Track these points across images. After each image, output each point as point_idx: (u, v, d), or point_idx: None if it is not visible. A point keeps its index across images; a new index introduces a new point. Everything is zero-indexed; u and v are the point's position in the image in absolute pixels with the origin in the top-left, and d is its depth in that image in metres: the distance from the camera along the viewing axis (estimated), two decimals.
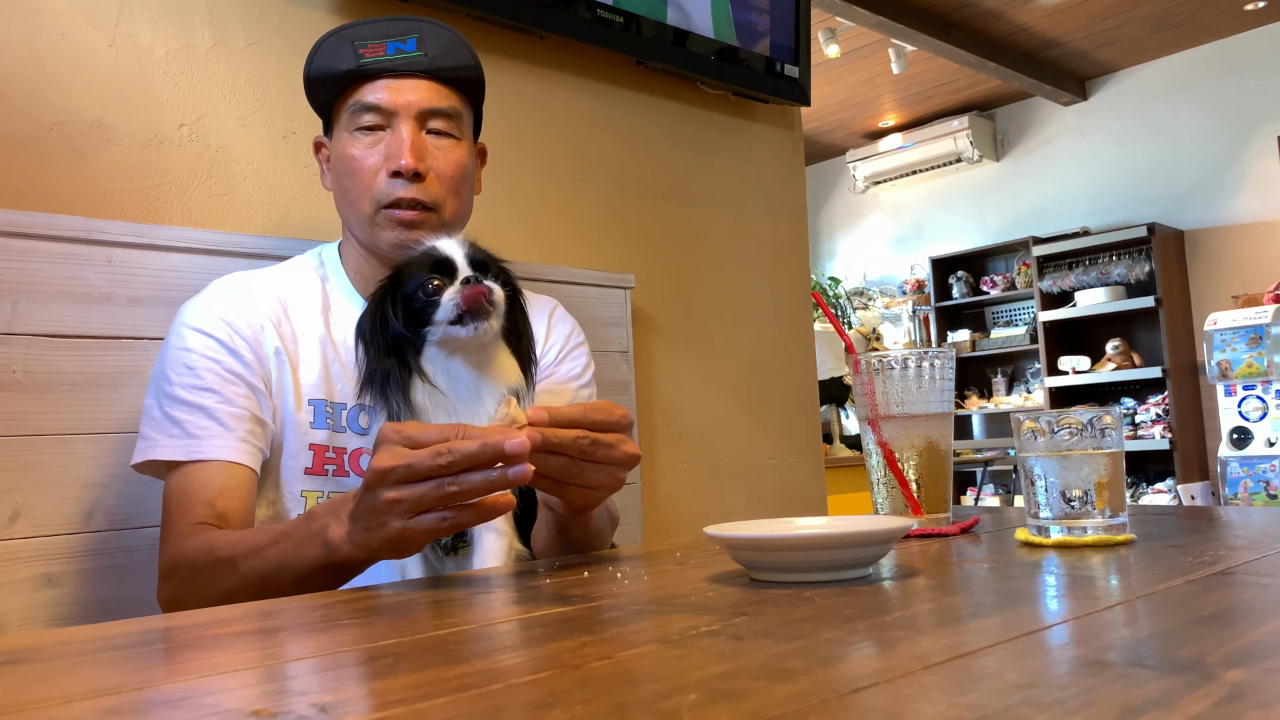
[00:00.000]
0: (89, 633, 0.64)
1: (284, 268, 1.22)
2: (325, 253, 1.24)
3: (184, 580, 0.99)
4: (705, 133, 2.12)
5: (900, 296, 6.86)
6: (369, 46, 1.13)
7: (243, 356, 1.09)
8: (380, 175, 1.12)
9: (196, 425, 1.05)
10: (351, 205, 1.15)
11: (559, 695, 0.41)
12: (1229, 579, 0.64)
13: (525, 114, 1.81)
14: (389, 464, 0.77)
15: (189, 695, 0.45)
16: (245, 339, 1.10)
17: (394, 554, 0.84)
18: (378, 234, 1.14)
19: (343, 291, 1.20)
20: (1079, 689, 0.39)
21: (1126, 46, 5.59)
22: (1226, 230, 5.56)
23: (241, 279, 1.16)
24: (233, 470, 1.05)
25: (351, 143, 1.14)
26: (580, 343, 1.33)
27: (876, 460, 1.00)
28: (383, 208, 1.12)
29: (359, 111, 1.13)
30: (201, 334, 1.09)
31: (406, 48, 1.13)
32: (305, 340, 1.14)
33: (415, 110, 1.13)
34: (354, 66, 1.12)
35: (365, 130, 1.13)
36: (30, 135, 1.28)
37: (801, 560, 0.69)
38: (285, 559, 0.89)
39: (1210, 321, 4.45)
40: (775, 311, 2.22)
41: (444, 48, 1.15)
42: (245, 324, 1.11)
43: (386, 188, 1.12)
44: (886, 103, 6.33)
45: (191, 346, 1.08)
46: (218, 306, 1.12)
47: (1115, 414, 0.85)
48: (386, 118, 1.13)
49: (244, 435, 1.06)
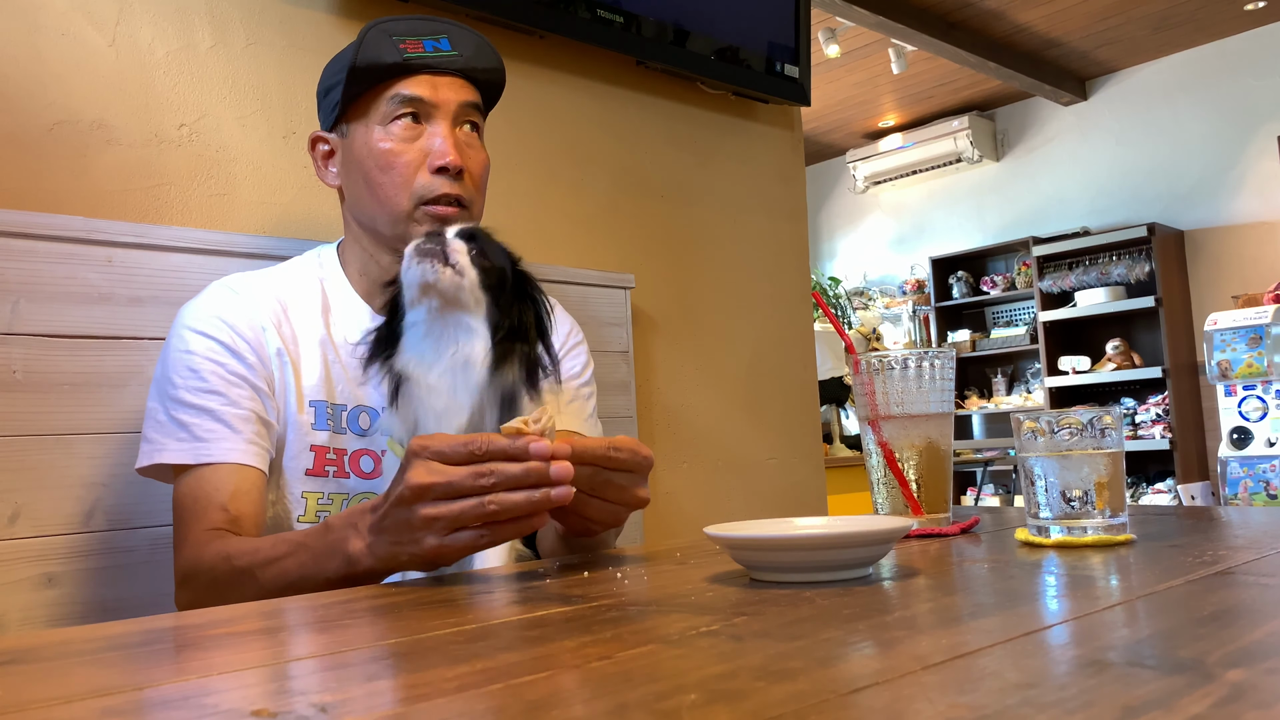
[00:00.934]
0: (89, 633, 0.64)
1: (283, 269, 1.21)
2: (324, 254, 1.23)
3: (203, 589, 0.99)
4: (705, 133, 2.12)
5: (900, 296, 6.86)
6: (408, 42, 1.13)
7: (245, 358, 1.09)
8: (421, 170, 1.12)
9: (203, 428, 1.05)
10: (383, 200, 1.14)
11: (559, 695, 0.41)
12: (1229, 579, 0.64)
13: (525, 114, 1.81)
14: (428, 480, 0.77)
15: (189, 695, 0.45)
16: (247, 340, 1.10)
17: (423, 568, 0.84)
18: (413, 230, 1.12)
19: (343, 292, 1.19)
20: (1079, 689, 0.39)
21: (1126, 46, 5.59)
22: (1226, 230, 5.56)
23: (241, 280, 1.16)
24: (244, 473, 1.05)
25: (386, 135, 1.13)
26: (579, 341, 1.33)
27: (876, 460, 1.00)
28: (424, 203, 1.12)
29: (400, 104, 1.13)
30: (203, 336, 1.09)
31: (442, 46, 1.15)
32: (306, 341, 1.14)
33: (454, 106, 1.14)
34: (399, 60, 1.13)
35: (404, 121, 1.13)
36: (30, 135, 1.28)
37: (801, 560, 0.69)
38: (304, 570, 0.89)
39: (1210, 321, 4.45)
40: (775, 311, 2.22)
41: (475, 49, 1.17)
42: (246, 325, 1.11)
43: (430, 183, 1.12)
44: (886, 103, 6.32)
45: (194, 349, 1.08)
46: (218, 308, 1.11)
47: (1115, 414, 0.85)
48: (426, 112, 1.14)
49: (251, 437, 1.06)
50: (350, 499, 1.14)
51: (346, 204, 1.20)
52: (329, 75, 1.19)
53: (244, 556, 0.95)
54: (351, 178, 1.17)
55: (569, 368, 1.29)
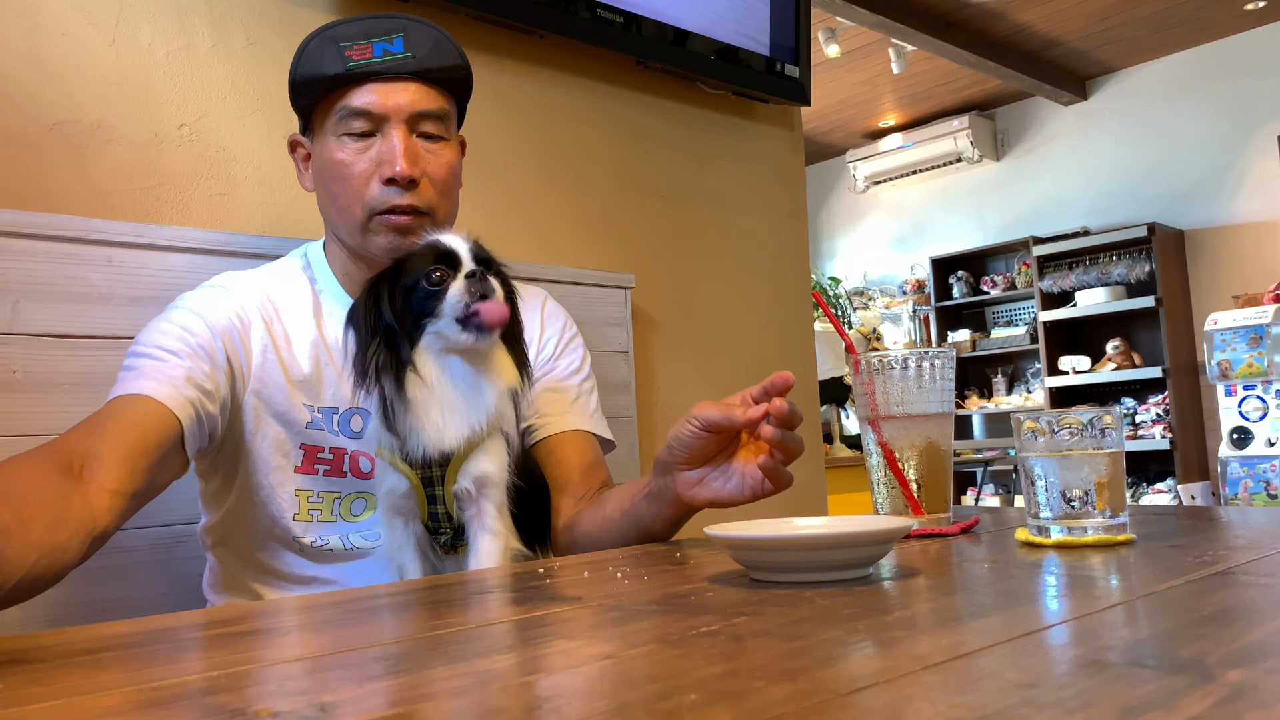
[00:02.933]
0: (89, 633, 0.64)
1: (272, 269, 1.20)
2: (311, 253, 1.21)
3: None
4: (705, 133, 2.12)
5: (900, 296, 6.86)
6: (355, 48, 1.08)
7: (214, 340, 1.07)
8: (372, 182, 1.09)
9: (148, 366, 1.02)
10: (341, 211, 1.12)
11: (559, 695, 0.41)
12: (1229, 579, 0.64)
13: (525, 114, 1.81)
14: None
15: (189, 695, 0.45)
16: (212, 329, 1.08)
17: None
18: (370, 240, 1.11)
19: (331, 293, 1.18)
20: (1079, 689, 0.39)
21: (1126, 46, 5.59)
22: (1226, 230, 5.56)
23: (230, 278, 1.15)
24: (149, 408, 0.98)
25: (339, 147, 1.10)
26: (575, 335, 1.32)
27: (876, 460, 1.00)
28: (376, 214, 1.10)
29: (347, 117, 1.09)
30: (178, 316, 1.08)
31: (394, 49, 1.09)
32: (298, 341, 1.14)
33: (406, 114, 1.10)
34: (341, 70, 1.08)
35: (354, 136, 1.10)
36: (30, 135, 1.28)
37: (801, 560, 0.69)
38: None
39: (1210, 321, 4.45)
40: (775, 311, 2.22)
41: (431, 47, 1.11)
42: (227, 316, 1.09)
43: (380, 195, 1.09)
44: (886, 102, 6.33)
45: (170, 319, 1.08)
46: (201, 301, 1.11)
47: (1115, 414, 0.85)
48: (376, 122, 1.10)
49: (185, 390, 1.02)
50: (343, 499, 1.14)
51: (320, 209, 1.19)
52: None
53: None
54: (318, 186, 1.16)
55: (568, 364, 1.28)
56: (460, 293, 0.98)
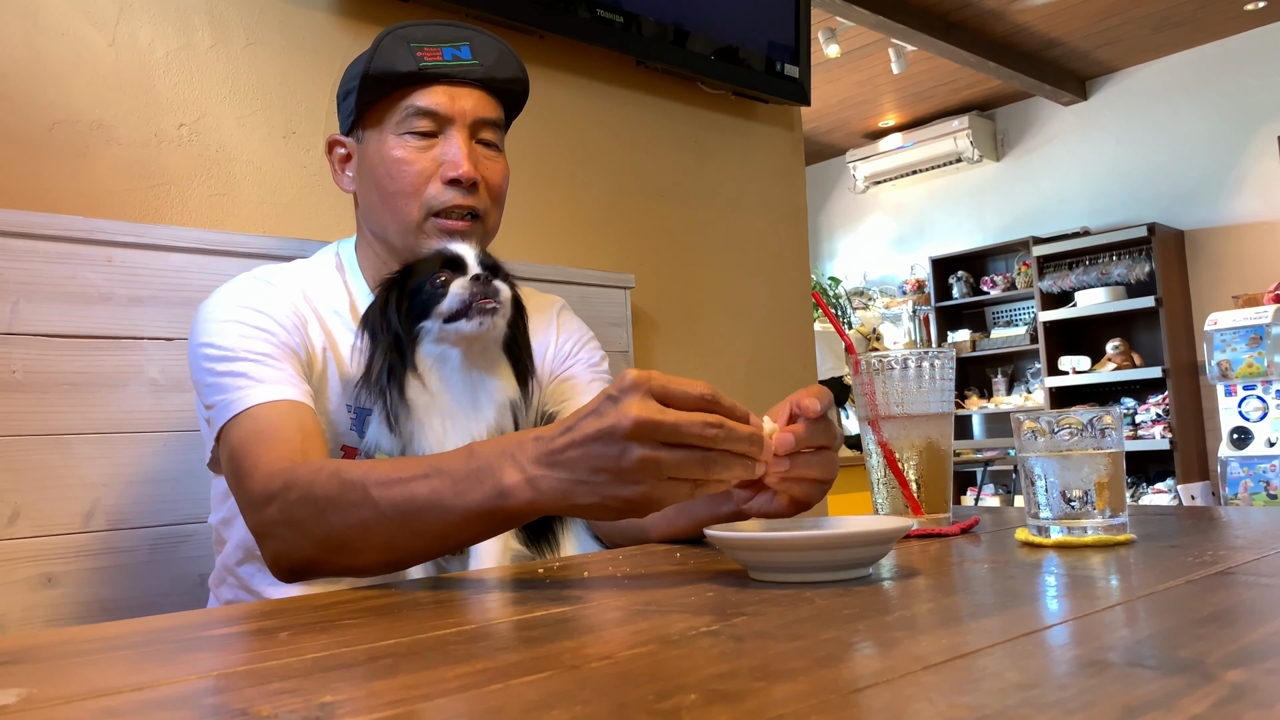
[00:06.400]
0: (89, 633, 0.64)
1: (305, 267, 1.18)
2: (343, 253, 1.20)
3: (295, 503, 0.87)
4: (705, 133, 2.12)
5: (900, 296, 6.86)
6: (426, 50, 1.11)
7: (292, 337, 1.06)
8: (433, 181, 1.10)
9: (261, 371, 1.00)
10: (394, 210, 1.12)
11: (559, 695, 0.41)
12: (1229, 579, 0.64)
13: (525, 114, 1.81)
14: (656, 418, 0.68)
15: (189, 695, 0.45)
16: (284, 327, 1.06)
17: (615, 514, 0.73)
18: (422, 241, 1.11)
19: (361, 296, 1.17)
20: (1079, 689, 0.39)
21: (1126, 46, 5.59)
22: (1226, 230, 5.56)
23: (272, 272, 1.13)
24: (304, 411, 0.98)
25: (399, 145, 1.11)
26: (591, 337, 1.34)
27: (876, 460, 1.00)
28: (433, 215, 1.11)
29: (412, 115, 1.11)
30: (238, 323, 1.04)
31: (462, 54, 1.12)
32: (343, 344, 1.13)
33: (470, 119, 1.12)
34: (414, 69, 1.10)
35: (416, 135, 1.11)
36: (30, 135, 1.28)
37: (801, 560, 0.69)
38: (439, 497, 0.78)
39: (1210, 321, 4.45)
40: (775, 311, 2.22)
41: (496, 58, 1.15)
42: (285, 314, 1.08)
43: (441, 195, 1.10)
44: (886, 103, 6.32)
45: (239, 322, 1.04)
46: (251, 298, 1.08)
47: (1115, 414, 0.85)
48: (440, 124, 1.11)
49: (305, 387, 1.02)
50: None
51: (360, 210, 1.19)
52: (346, 79, 1.17)
53: (356, 470, 0.84)
54: (365, 185, 1.16)
55: (588, 359, 1.30)
56: (462, 290, 0.98)
